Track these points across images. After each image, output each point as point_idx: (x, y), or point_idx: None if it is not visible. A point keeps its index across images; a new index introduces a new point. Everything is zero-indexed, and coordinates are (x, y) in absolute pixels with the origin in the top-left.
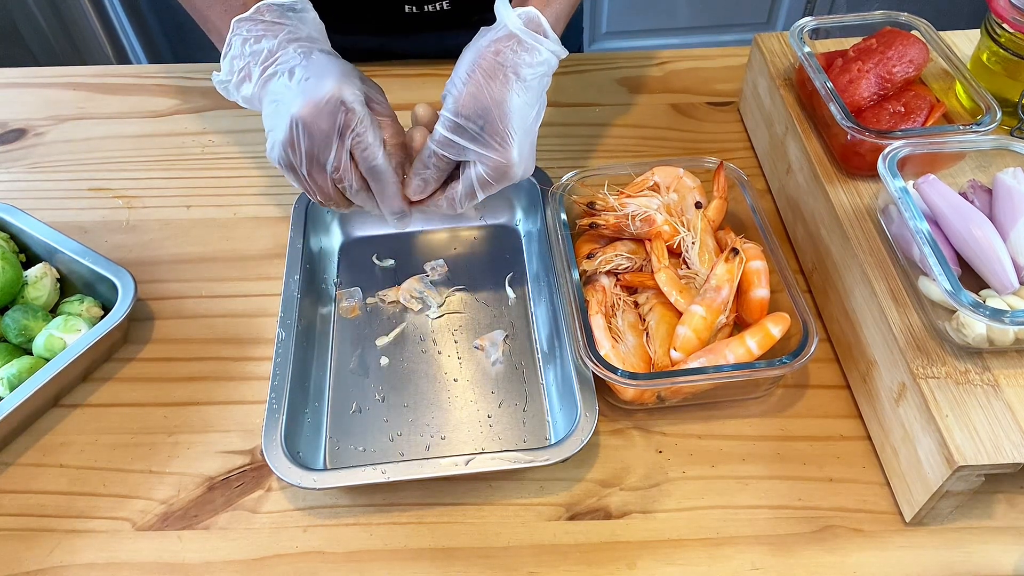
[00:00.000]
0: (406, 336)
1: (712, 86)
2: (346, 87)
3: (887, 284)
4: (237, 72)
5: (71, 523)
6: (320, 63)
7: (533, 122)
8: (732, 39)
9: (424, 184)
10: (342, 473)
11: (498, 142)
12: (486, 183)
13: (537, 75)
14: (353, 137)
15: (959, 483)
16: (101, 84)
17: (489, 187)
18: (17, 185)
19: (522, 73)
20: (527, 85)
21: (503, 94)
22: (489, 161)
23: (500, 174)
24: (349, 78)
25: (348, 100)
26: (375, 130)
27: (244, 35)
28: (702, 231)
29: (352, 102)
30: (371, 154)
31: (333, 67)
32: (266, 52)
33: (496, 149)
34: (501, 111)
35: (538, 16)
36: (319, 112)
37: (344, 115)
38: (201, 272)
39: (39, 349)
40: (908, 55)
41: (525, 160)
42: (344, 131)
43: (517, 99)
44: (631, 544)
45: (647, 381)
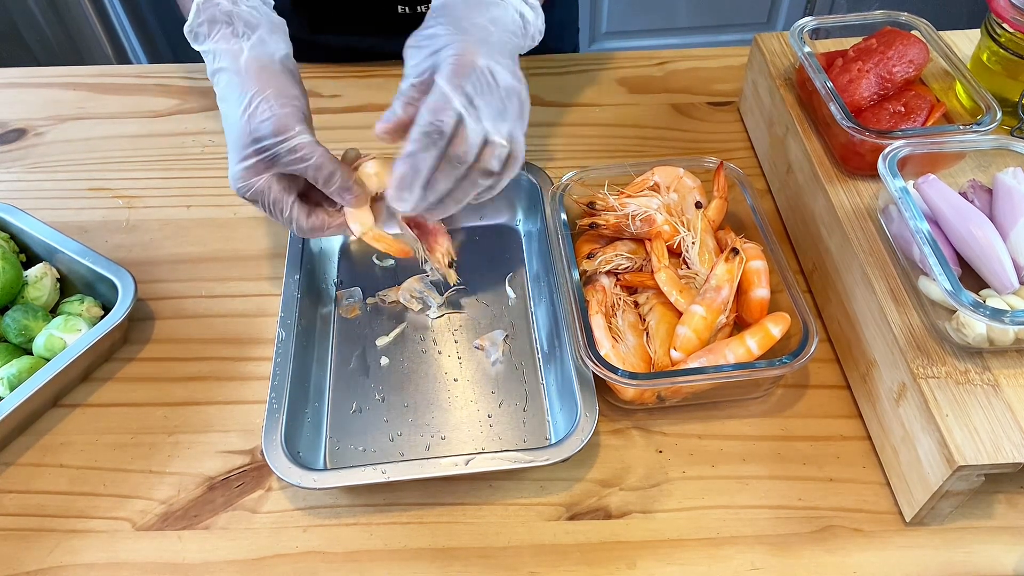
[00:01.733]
0: (406, 336)
1: (712, 86)
2: (239, 178)
3: (887, 284)
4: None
5: (71, 523)
6: (224, 122)
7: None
8: (732, 39)
9: (407, 104)
10: (342, 473)
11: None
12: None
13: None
14: (271, 216)
15: (959, 483)
16: (101, 84)
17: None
18: (17, 185)
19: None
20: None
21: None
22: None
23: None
24: (241, 152)
25: (245, 194)
26: (284, 202)
27: (195, 32)
28: (702, 231)
29: (249, 192)
30: (294, 227)
31: (229, 136)
32: (210, 58)
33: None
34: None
35: None
36: (241, 196)
37: (252, 202)
38: (201, 272)
39: (39, 349)
40: (908, 55)
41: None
42: (266, 206)
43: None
44: (631, 544)
45: (647, 381)
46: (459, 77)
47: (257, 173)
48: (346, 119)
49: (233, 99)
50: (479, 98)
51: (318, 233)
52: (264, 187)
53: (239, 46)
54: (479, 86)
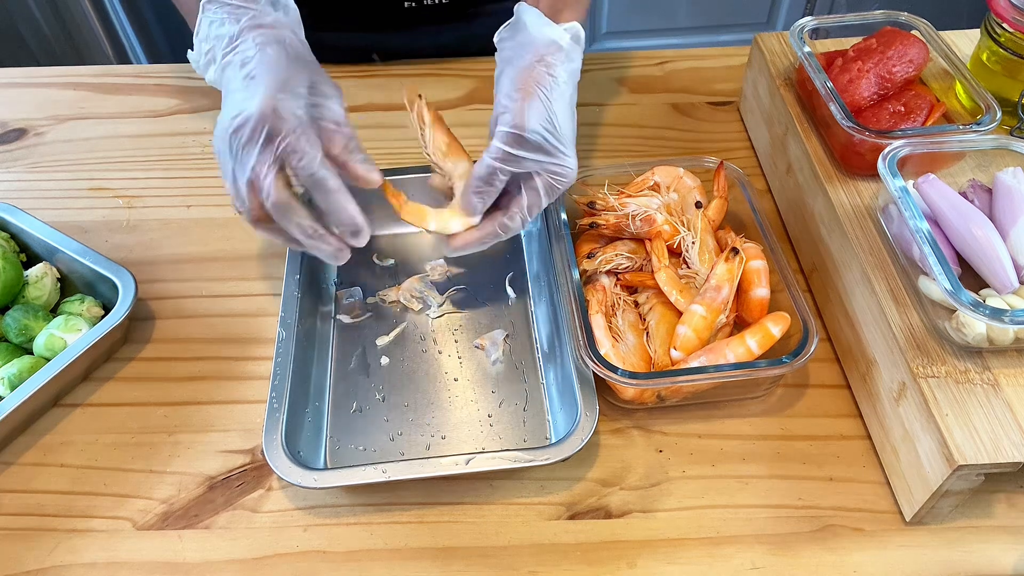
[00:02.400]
0: (406, 336)
1: (712, 86)
2: (282, 95)
3: (887, 284)
4: (204, 54)
5: (71, 523)
6: (269, 59)
7: (575, 123)
8: (732, 39)
9: (484, 201)
10: (343, 472)
11: (564, 148)
12: (553, 189)
13: (575, 82)
14: (284, 148)
15: (959, 482)
16: (101, 84)
17: (554, 193)
18: (17, 185)
19: (569, 81)
20: (572, 90)
21: (561, 105)
22: (557, 168)
23: (565, 177)
24: (290, 84)
25: (280, 110)
26: (311, 139)
27: (211, 18)
28: (702, 231)
29: (284, 111)
30: (307, 162)
31: (278, 69)
32: (228, 38)
33: (561, 155)
34: (559, 120)
35: (581, 31)
36: (247, 118)
37: (271, 125)
38: (201, 272)
39: (39, 349)
40: (908, 55)
41: (576, 159)
42: (272, 138)
43: (568, 107)
44: (631, 543)
45: (647, 380)
46: (556, 194)
47: (298, 106)
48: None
49: (288, 51)
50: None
51: (320, 187)
52: (300, 115)
53: (281, 18)
54: (562, 190)
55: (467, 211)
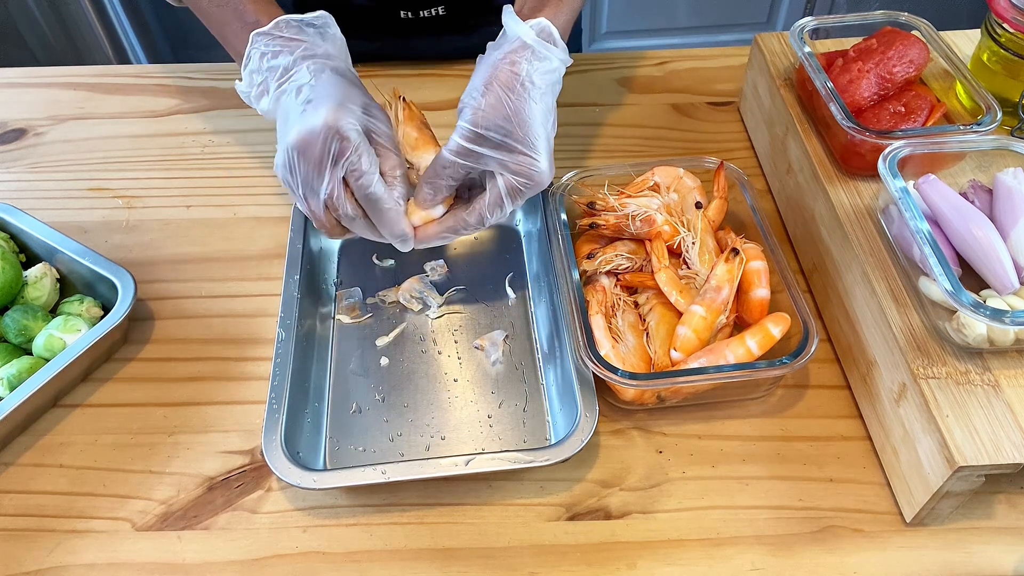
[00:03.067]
0: (406, 336)
1: (712, 86)
2: (343, 115)
3: (887, 284)
4: (256, 86)
5: (71, 523)
6: (326, 85)
7: (552, 128)
8: (732, 39)
9: (434, 192)
10: (342, 473)
11: (526, 149)
12: (516, 191)
13: (549, 83)
14: (347, 165)
15: (959, 483)
16: (101, 84)
17: (519, 195)
18: (17, 185)
19: (537, 81)
20: (543, 93)
21: (523, 103)
22: (518, 168)
23: (530, 180)
24: (348, 106)
25: (343, 129)
26: (370, 158)
27: (262, 49)
28: (702, 231)
29: (347, 130)
30: (366, 182)
31: (336, 92)
32: (282, 69)
33: (524, 155)
34: (521, 119)
35: (550, 27)
36: (312, 140)
37: (338, 143)
38: (201, 272)
39: (39, 349)
40: (908, 55)
41: (551, 166)
42: (338, 159)
43: (535, 106)
44: (631, 544)
45: (647, 381)
46: (522, 197)
47: (355, 124)
48: None
49: (345, 77)
50: (523, 200)
51: (375, 205)
52: (361, 134)
53: (329, 50)
54: (528, 196)
55: (417, 201)
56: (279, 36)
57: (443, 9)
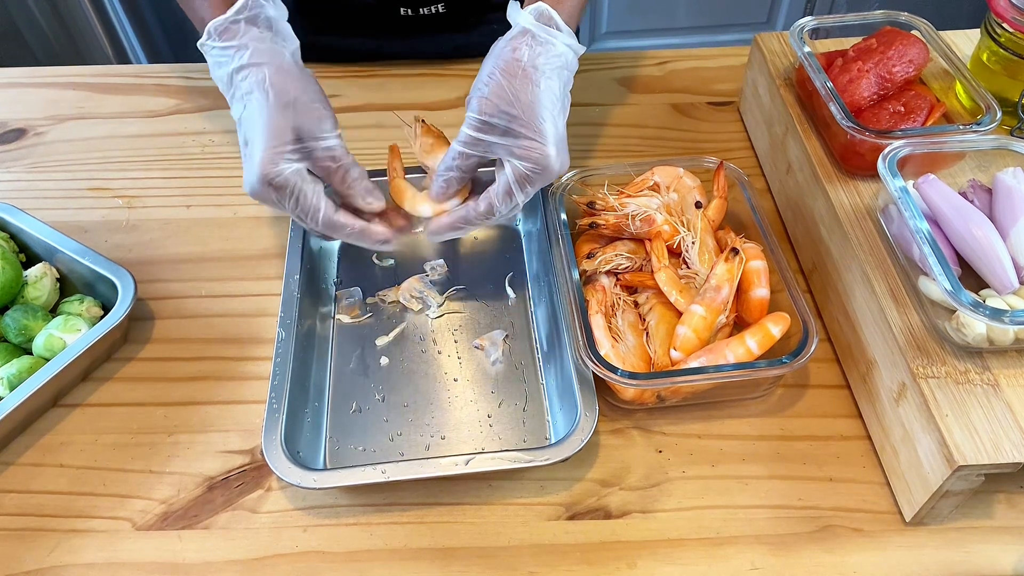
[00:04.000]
0: (406, 336)
1: (712, 86)
2: (271, 164)
3: (887, 284)
4: (224, 92)
5: (71, 523)
6: (252, 119)
7: (560, 114)
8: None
9: (447, 186)
10: (342, 473)
11: (531, 133)
12: (524, 177)
13: (554, 67)
14: (292, 210)
15: (959, 483)
16: (101, 84)
17: (528, 182)
18: (17, 185)
19: (539, 65)
20: (546, 76)
21: (525, 87)
22: (524, 153)
23: (538, 166)
24: (275, 147)
25: (275, 180)
26: (312, 192)
27: (211, 59)
28: (702, 231)
29: (280, 180)
30: (313, 219)
31: (263, 126)
32: (224, 82)
33: (530, 139)
34: (524, 104)
35: (548, 10)
36: (259, 195)
37: (276, 192)
38: (201, 272)
39: (39, 349)
40: (908, 55)
41: (560, 152)
42: (283, 204)
43: (539, 90)
44: (631, 544)
45: (647, 381)
46: (531, 184)
47: (290, 162)
48: (346, 119)
49: (270, 95)
50: (534, 188)
51: (340, 231)
52: (295, 176)
53: (281, 48)
54: (539, 184)
55: (432, 194)
56: (215, 46)
57: (443, 7)
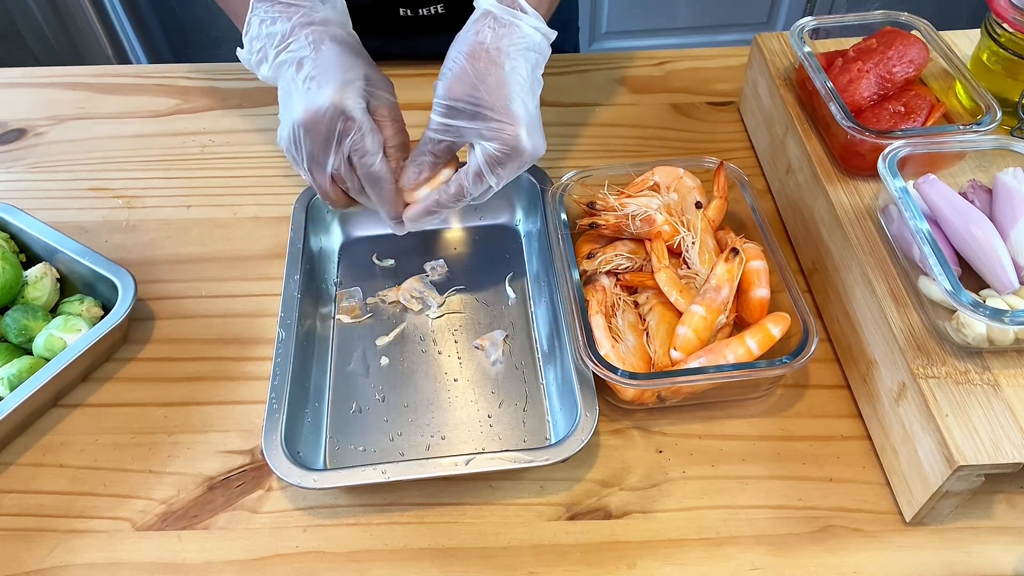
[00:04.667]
0: (406, 336)
1: (712, 86)
2: (347, 94)
3: (887, 284)
4: (256, 52)
5: (71, 523)
6: (327, 59)
7: (528, 94)
8: (732, 39)
9: (419, 171)
10: (342, 473)
11: (499, 115)
12: (494, 159)
13: (520, 48)
14: (351, 144)
15: (959, 483)
16: (101, 84)
17: (498, 164)
18: (17, 185)
19: (504, 47)
20: (511, 57)
21: (489, 70)
22: (493, 135)
23: (507, 146)
24: (351, 81)
25: (348, 108)
26: (374, 136)
27: (261, 16)
28: (702, 231)
29: (352, 110)
30: (368, 161)
31: (338, 66)
32: (279, 36)
33: (498, 121)
34: (489, 85)
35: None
36: (318, 120)
37: (343, 123)
38: (201, 272)
39: (39, 349)
40: (908, 55)
41: (532, 133)
42: (342, 138)
43: (503, 72)
44: (631, 544)
45: (647, 381)
46: (503, 166)
47: (360, 101)
48: None
49: (344, 45)
50: (506, 171)
51: (382, 184)
52: (365, 112)
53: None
54: (511, 167)
55: (403, 181)
56: (278, 2)
57: (442, 7)
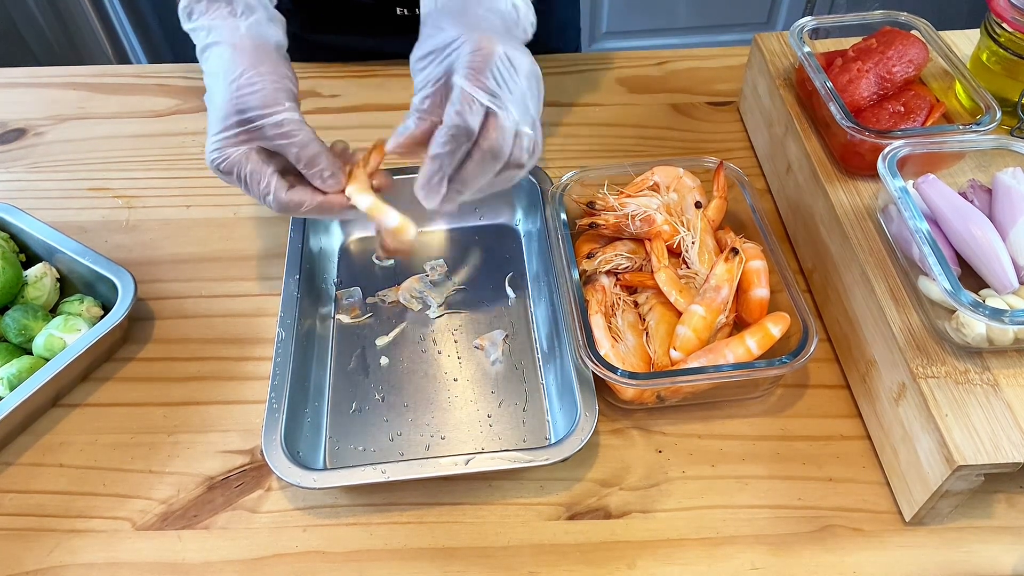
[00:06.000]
0: (406, 336)
1: (712, 86)
2: (217, 143)
3: (887, 284)
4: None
5: (71, 523)
6: (211, 97)
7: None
8: (732, 39)
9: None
10: (342, 473)
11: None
12: (473, 69)
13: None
14: (245, 191)
15: (959, 483)
16: (101, 84)
17: (479, 74)
18: (17, 185)
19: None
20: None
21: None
22: (468, 46)
23: (479, 48)
24: (224, 122)
25: (220, 164)
26: (260, 173)
27: (194, 40)
28: (702, 231)
29: (224, 163)
30: (267, 202)
31: (214, 106)
32: (200, 62)
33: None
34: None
35: None
36: (214, 167)
37: (224, 176)
38: (201, 272)
39: (39, 349)
40: (908, 55)
41: (504, 40)
42: (238, 180)
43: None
44: (631, 544)
45: (647, 381)
46: (480, 73)
47: (236, 144)
48: (345, 119)
49: (222, 72)
50: (503, 90)
51: (296, 210)
52: (241, 158)
53: (236, 24)
54: (501, 78)
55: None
56: (190, 30)
57: None
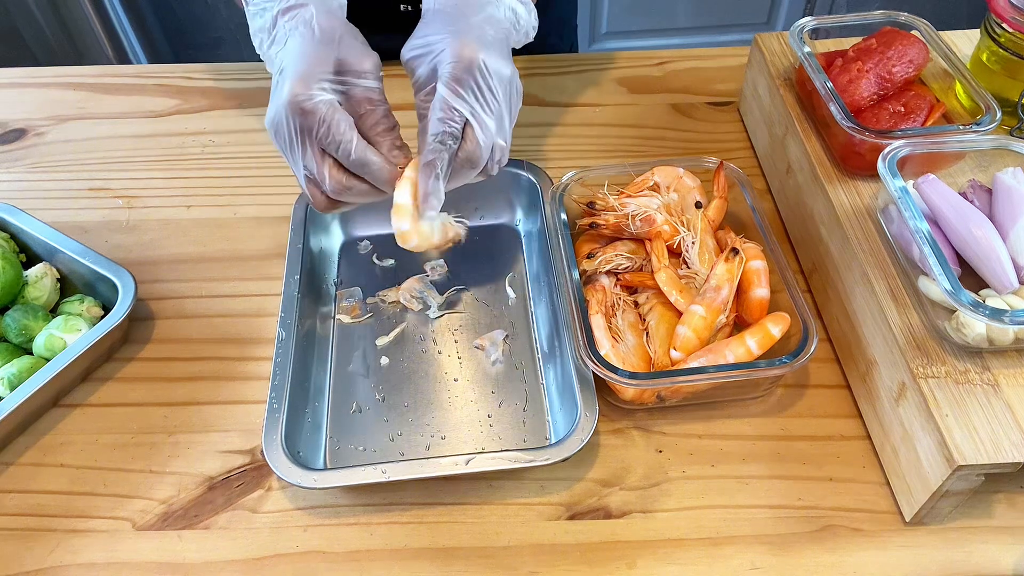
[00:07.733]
0: (406, 336)
1: (712, 86)
2: (305, 87)
3: (887, 284)
4: (260, 48)
5: (71, 523)
6: (293, 50)
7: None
8: (732, 39)
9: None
10: (342, 473)
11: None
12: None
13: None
14: (319, 138)
15: (959, 483)
16: (101, 84)
17: (458, 84)
18: (17, 185)
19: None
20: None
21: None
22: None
23: (457, 58)
24: (313, 73)
25: (305, 104)
26: (342, 124)
27: (252, 11)
28: (702, 231)
29: (310, 104)
30: (345, 149)
31: (302, 56)
32: (267, 30)
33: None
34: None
35: None
36: (280, 120)
37: (301, 119)
38: (201, 272)
39: (39, 349)
40: (908, 55)
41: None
42: (307, 134)
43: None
44: (631, 544)
45: (647, 381)
46: (460, 84)
47: (327, 92)
48: None
49: (316, 31)
50: (480, 102)
51: (368, 168)
52: (326, 104)
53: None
54: (479, 89)
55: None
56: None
57: None
